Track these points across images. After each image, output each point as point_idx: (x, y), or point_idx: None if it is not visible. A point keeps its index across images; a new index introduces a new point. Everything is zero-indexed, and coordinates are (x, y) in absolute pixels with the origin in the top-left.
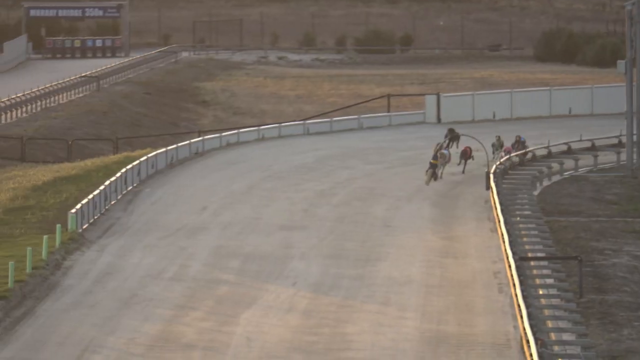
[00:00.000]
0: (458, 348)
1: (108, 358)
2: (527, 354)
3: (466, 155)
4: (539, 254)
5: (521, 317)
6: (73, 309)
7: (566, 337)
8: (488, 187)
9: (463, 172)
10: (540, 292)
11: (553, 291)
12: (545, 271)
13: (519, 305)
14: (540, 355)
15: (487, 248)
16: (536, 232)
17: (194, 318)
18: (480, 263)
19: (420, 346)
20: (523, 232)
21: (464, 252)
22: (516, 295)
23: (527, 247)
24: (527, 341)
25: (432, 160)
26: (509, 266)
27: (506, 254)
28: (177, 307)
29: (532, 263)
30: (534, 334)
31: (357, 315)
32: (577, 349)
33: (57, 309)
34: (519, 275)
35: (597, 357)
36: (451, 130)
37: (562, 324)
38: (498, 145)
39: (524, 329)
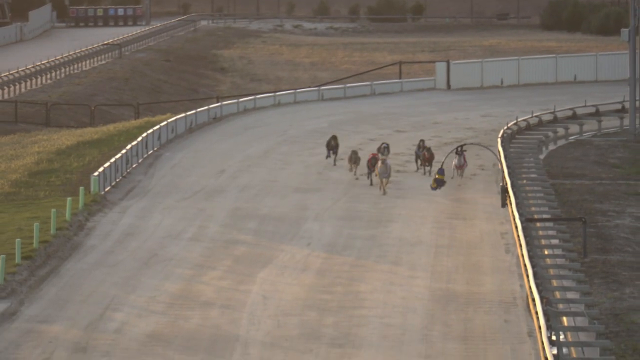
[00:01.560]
0: (466, 306)
1: (129, 315)
2: (533, 311)
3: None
4: (545, 216)
5: (527, 276)
6: (95, 268)
7: (570, 295)
8: (504, 204)
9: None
10: (546, 252)
11: (558, 251)
12: (550, 232)
13: (525, 265)
14: (545, 312)
15: (495, 209)
16: (542, 195)
17: (212, 277)
18: (488, 224)
19: (430, 304)
20: (530, 194)
21: (473, 214)
22: (522, 255)
23: (533, 209)
24: (533, 299)
25: (437, 176)
26: (516, 227)
27: (513, 215)
28: (196, 267)
29: (537, 224)
30: (539, 292)
31: (370, 275)
32: (581, 307)
33: (80, 268)
34: (525, 236)
35: (600, 315)
36: (422, 142)
37: (566, 283)
38: (335, 146)
39: (530, 287)
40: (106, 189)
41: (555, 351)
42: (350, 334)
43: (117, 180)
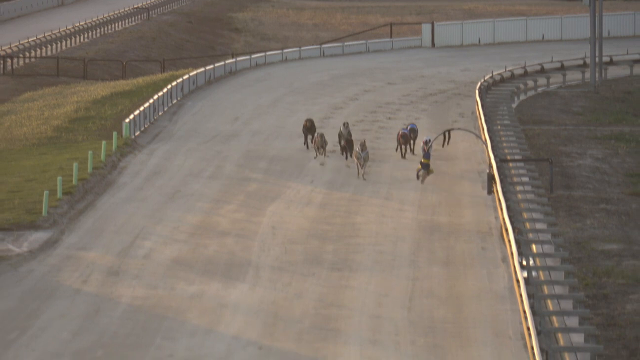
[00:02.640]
0: (448, 235)
1: (156, 243)
2: (506, 240)
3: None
4: (516, 157)
5: (501, 209)
6: (127, 202)
7: (539, 226)
8: (490, 191)
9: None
10: (517, 189)
11: (528, 188)
12: (521, 171)
13: (499, 200)
14: (517, 241)
15: (473, 152)
16: (514, 138)
17: (228, 210)
18: (468, 164)
19: (417, 233)
20: (503, 138)
21: (454, 155)
22: (497, 191)
23: (506, 150)
24: (506, 229)
25: (423, 160)
26: (491, 167)
27: (489, 156)
28: (214, 201)
29: (510, 164)
30: (511, 223)
31: (364, 208)
32: (548, 236)
33: (113, 202)
34: (500, 175)
35: (564, 243)
36: (413, 130)
37: (535, 215)
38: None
39: (503, 219)
40: (136, 134)
41: (525, 274)
42: (348, 260)
43: (146, 126)
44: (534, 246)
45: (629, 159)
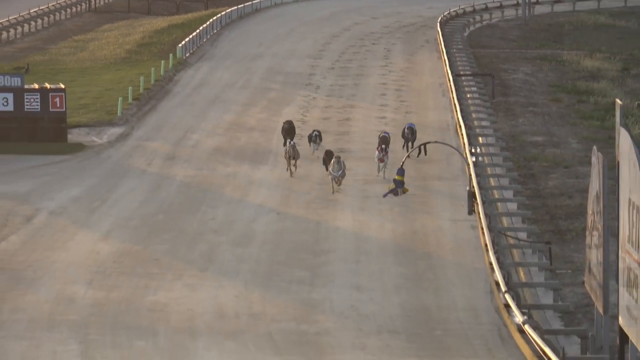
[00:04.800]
0: (418, 128)
1: (201, 136)
2: (459, 133)
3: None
4: (467, 72)
5: (456, 111)
6: (179, 106)
7: (484, 123)
8: (471, 211)
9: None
10: (468, 96)
11: (475, 95)
12: (471, 83)
13: (454, 104)
14: (468, 135)
15: (435, 68)
16: (466, 59)
17: (254, 111)
18: (431, 78)
19: (395, 128)
20: (457, 59)
21: (421, 71)
22: (453, 97)
23: (460, 67)
24: (460, 125)
25: (396, 176)
26: (449, 80)
27: (447, 72)
28: (244, 105)
29: (462, 78)
30: (464, 121)
31: (355, 110)
32: (490, 131)
33: (170, 106)
34: (455, 85)
35: (503, 135)
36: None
37: (481, 116)
38: (289, 130)
39: (458, 118)
40: (186, 55)
41: (474, 159)
42: (344, 148)
43: (194, 49)
44: (480, 138)
45: (551, 74)
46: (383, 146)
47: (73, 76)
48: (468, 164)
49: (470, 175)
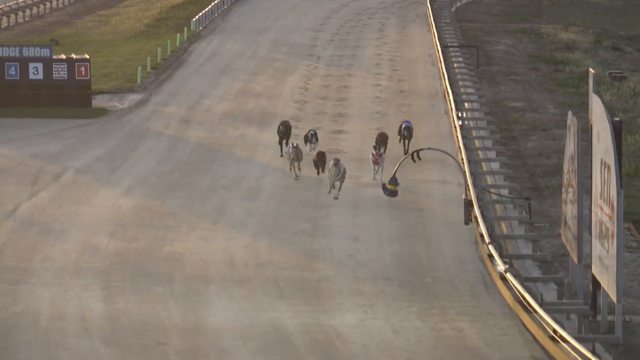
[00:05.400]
0: (410, 94)
1: (213, 101)
2: (447, 99)
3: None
4: (454, 44)
5: (444, 79)
6: (194, 74)
7: (469, 90)
8: (468, 221)
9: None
10: (455, 65)
11: (462, 65)
12: (457, 54)
13: (442, 72)
14: (455, 100)
15: (425, 40)
16: (453, 32)
17: (261, 79)
18: (421, 49)
19: (389, 94)
20: (445, 32)
21: (412, 43)
22: (441, 67)
23: (447, 39)
24: (447, 92)
25: (388, 185)
26: (437, 50)
27: (436, 43)
28: (252, 74)
29: (450, 49)
30: (451, 88)
31: (352, 78)
32: (475, 97)
33: (184, 75)
34: (443, 56)
35: (486, 101)
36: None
37: (466, 83)
38: (285, 131)
39: (445, 85)
40: (200, 29)
41: (460, 122)
42: (342, 113)
43: (206, 23)
44: (466, 104)
45: (530, 46)
46: (378, 145)
47: (97, 47)
48: (464, 172)
49: (466, 184)
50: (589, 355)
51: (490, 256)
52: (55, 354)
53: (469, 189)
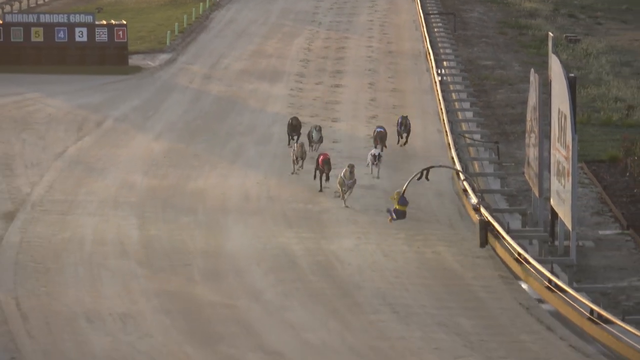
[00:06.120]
0: (397, 54)
1: (231, 61)
2: (429, 58)
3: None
4: (435, 12)
5: (426, 41)
6: (214, 38)
7: (447, 51)
8: (484, 243)
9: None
10: (435, 30)
11: (441, 29)
12: (437, 20)
13: (425, 36)
14: (435, 59)
15: (410, 9)
16: (433, 2)
17: (272, 42)
18: (407, 16)
19: (379, 55)
20: (427, 2)
21: (399, 11)
22: (423, 31)
23: (429, 8)
24: (429, 53)
25: (397, 206)
26: (420, 17)
27: (419, 11)
28: (263, 37)
29: (431, 16)
30: (432, 49)
31: (349, 40)
32: (452, 57)
33: (206, 38)
34: (425, 22)
35: (462, 60)
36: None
37: (445, 45)
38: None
39: (427, 47)
40: None
41: (439, 78)
42: (340, 70)
43: None
44: (444, 63)
45: (499, 13)
46: (376, 149)
47: (133, 15)
48: (472, 187)
49: (472, 188)
50: (547, 274)
51: (465, 191)
52: (97, 273)
53: (481, 211)
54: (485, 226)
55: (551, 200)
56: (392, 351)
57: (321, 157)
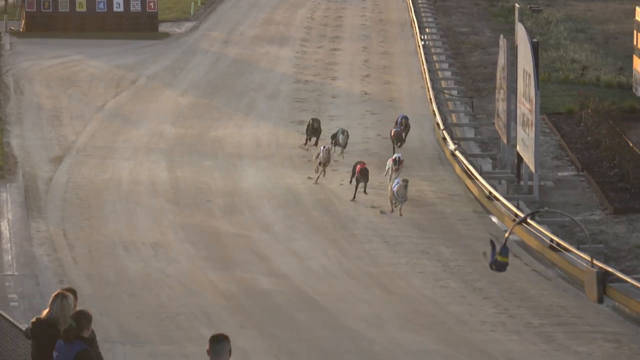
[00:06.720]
0: (386, 23)
1: (245, 28)
2: (413, 26)
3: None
4: None
5: (410, 11)
6: (231, 8)
7: (429, 20)
8: (601, 300)
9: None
10: (419, 2)
11: (424, 2)
12: None
13: (410, 6)
14: (418, 27)
15: None
16: None
17: (280, 12)
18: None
19: (371, 23)
20: None
21: None
22: (408, 2)
23: None
24: (413, 21)
25: (499, 257)
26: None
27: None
28: (273, 7)
29: None
30: (416, 18)
31: (345, 10)
32: (433, 24)
33: (224, 8)
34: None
35: (442, 28)
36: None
37: (427, 14)
38: (317, 129)
39: (412, 16)
40: None
41: (422, 43)
42: (338, 36)
43: None
44: (427, 29)
45: None
46: (396, 144)
47: None
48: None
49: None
50: (514, 209)
51: (444, 139)
52: (132, 209)
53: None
54: (603, 279)
55: (517, 146)
56: (383, 275)
57: (359, 166)
